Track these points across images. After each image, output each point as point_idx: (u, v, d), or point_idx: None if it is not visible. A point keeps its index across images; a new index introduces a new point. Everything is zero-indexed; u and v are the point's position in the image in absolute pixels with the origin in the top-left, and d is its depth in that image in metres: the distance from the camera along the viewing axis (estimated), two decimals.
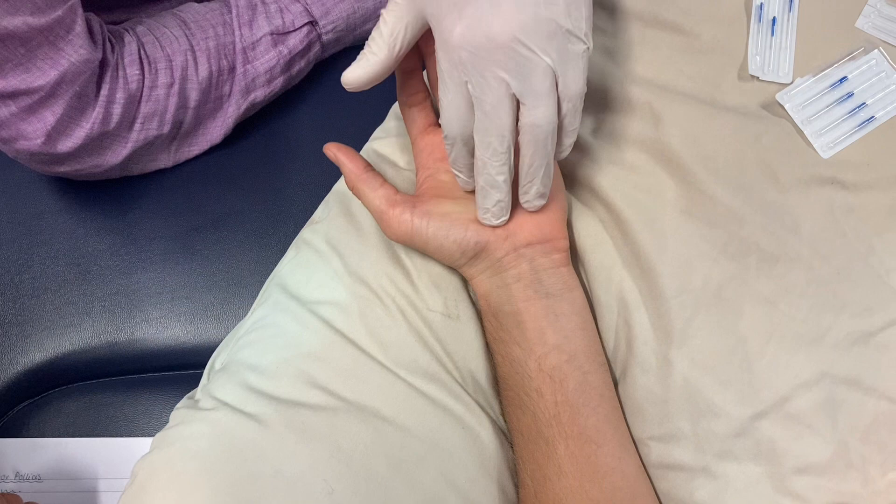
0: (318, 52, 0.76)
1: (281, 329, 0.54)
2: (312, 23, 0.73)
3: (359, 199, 0.55)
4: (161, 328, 0.73)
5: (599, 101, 0.57)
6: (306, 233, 0.60)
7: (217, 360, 0.57)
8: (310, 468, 0.48)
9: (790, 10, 0.55)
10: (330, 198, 0.62)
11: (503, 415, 0.55)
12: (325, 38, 0.75)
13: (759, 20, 0.55)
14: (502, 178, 0.49)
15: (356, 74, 0.49)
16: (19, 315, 0.73)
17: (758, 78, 0.55)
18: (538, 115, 0.45)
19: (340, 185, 0.62)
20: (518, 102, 0.45)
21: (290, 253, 0.60)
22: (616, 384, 0.54)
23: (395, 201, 0.53)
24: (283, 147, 0.77)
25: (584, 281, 0.57)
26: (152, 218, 0.75)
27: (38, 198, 0.76)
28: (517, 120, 0.46)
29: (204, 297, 0.73)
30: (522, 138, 0.47)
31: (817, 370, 0.50)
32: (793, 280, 0.51)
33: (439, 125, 0.56)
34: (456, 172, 0.52)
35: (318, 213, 0.62)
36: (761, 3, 0.55)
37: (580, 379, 0.50)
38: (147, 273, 0.74)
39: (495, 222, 0.52)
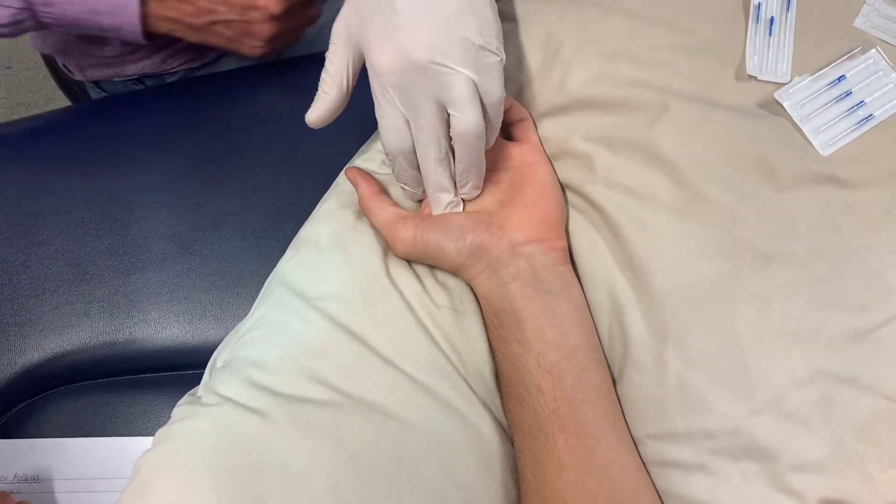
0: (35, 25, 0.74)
1: (283, 326, 0.55)
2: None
3: (368, 217, 0.58)
4: (160, 328, 0.73)
5: (594, 101, 0.58)
6: (306, 231, 0.61)
7: (219, 359, 0.57)
8: (313, 462, 0.49)
9: (788, 10, 0.55)
10: (329, 196, 0.63)
11: (504, 411, 0.55)
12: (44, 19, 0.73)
13: (757, 20, 0.55)
14: (447, 181, 0.55)
15: (316, 115, 0.58)
16: (18, 315, 0.73)
17: (756, 77, 0.55)
18: (467, 121, 0.51)
19: (341, 182, 0.63)
20: (447, 113, 0.51)
21: (291, 251, 0.60)
22: (614, 384, 0.54)
23: (402, 217, 0.56)
24: (282, 148, 0.77)
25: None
26: (151, 218, 0.75)
27: (36, 198, 0.76)
28: (449, 128, 0.52)
29: (203, 298, 0.74)
30: (456, 143, 0.53)
31: (812, 368, 0.50)
32: (787, 278, 0.52)
33: None
34: (402, 185, 0.58)
35: (318, 211, 0.62)
36: (759, 3, 0.56)
37: (578, 375, 0.51)
38: (145, 273, 0.74)
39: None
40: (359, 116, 0.70)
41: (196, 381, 0.57)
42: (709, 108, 0.55)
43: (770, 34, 0.55)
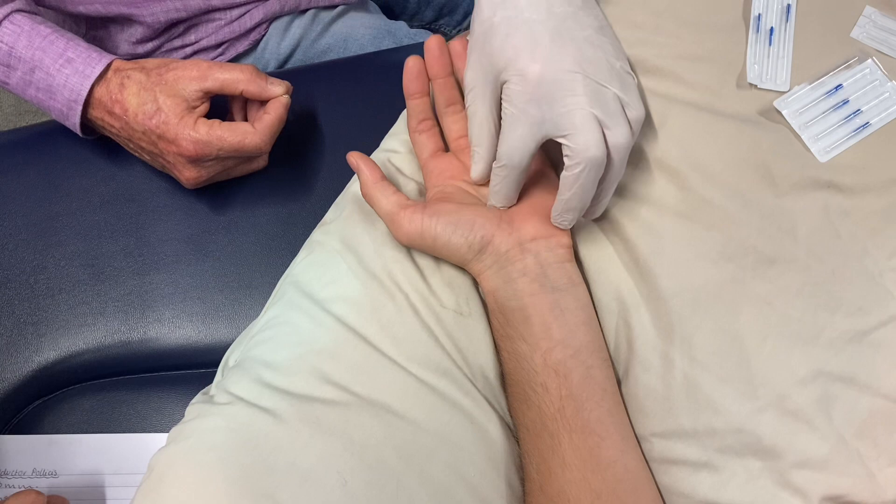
0: None
1: (294, 327, 0.55)
2: None
3: (371, 204, 0.57)
4: (173, 328, 0.73)
5: None
6: (318, 234, 0.61)
7: (231, 358, 0.58)
8: (323, 461, 0.49)
9: (787, 21, 0.56)
10: (341, 200, 0.63)
11: (509, 410, 0.56)
12: None
13: (758, 30, 0.56)
14: (593, 193, 0.52)
15: (481, 170, 0.56)
16: (35, 315, 0.73)
17: (756, 86, 0.56)
18: (621, 133, 0.49)
19: (353, 187, 0.63)
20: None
21: (303, 253, 0.61)
22: (619, 383, 0.55)
23: (406, 205, 0.55)
24: (294, 151, 0.78)
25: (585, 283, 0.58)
26: (165, 221, 0.76)
27: (53, 200, 0.76)
28: None
29: (215, 298, 0.74)
30: (610, 155, 0.50)
31: (813, 368, 0.51)
32: (789, 281, 0.53)
33: (447, 149, 0.60)
34: (493, 199, 0.55)
35: (330, 215, 0.63)
36: (759, 14, 0.56)
37: (584, 374, 0.51)
38: (160, 274, 0.74)
39: (569, 226, 0.54)
40: (369, 119, 0.71)
41: (209, 379, 0.58)
42: (711, 115, 0.56)
43: (770, 44, 0.56)
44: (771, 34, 0.56)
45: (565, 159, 0.49)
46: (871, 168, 0.54)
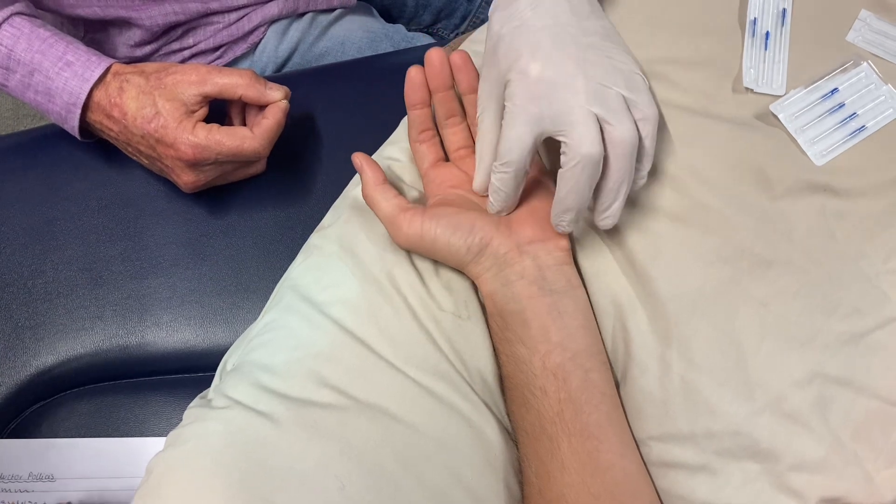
0: None
1: (292, 330, 0.55)
2: None
3: (371, 206, 0.57)
4: (171, 332, 0.73)
5: None
6: (316, 238, 0.61)
7: (229, 362, 0.58)
8: (321, 465, 0.49)
9: (783, 25, 0.56)
10: (339, 204, 0.63)
11: (508, 413, 0.56)
12: None
13: (753, 34, 0.56)
14: (590, 193, 0.51)
15: (482, 181, 0.56)
16: (32, 319, 0.73)
17: (752, 90, 0.56)
18: (623, 129, 0.49)
19: (351, 191, 0.63)
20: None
21: (301, 257, 0.61)
22: (617, 386, 0.55)
23: (406, 208, 0.56)
24: (292, 156, 0.78)
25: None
26: (163, 225, 0.76)
27: (51, 204, 0.76)
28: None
29: (213, 302, 0.74)
30: (611, 153, 0.49)
31: (810, 370, 0.51)
32: (785, 283, 0.53)
33: (447, 159, 0.61)
34: (493, 203, 0.55)
35: (328, 219, 0.63)
36: (755, 18, 0.57)
37: (583, 377, 0.51)
38: (157, 278, 0.74)
39: (570, 229, 0.54)
40: (367, 123, 0.72)
41: (207, 383, 0.58)
42: (707, 119, 0.56)
43: (766, 48, 0.56)
44: (767, 38, 0.56)
45: (562, 157, 0.49)
46: (867, 171, 0.54)
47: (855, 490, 0.49)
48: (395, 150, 0.65)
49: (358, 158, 0.58)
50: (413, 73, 0.58)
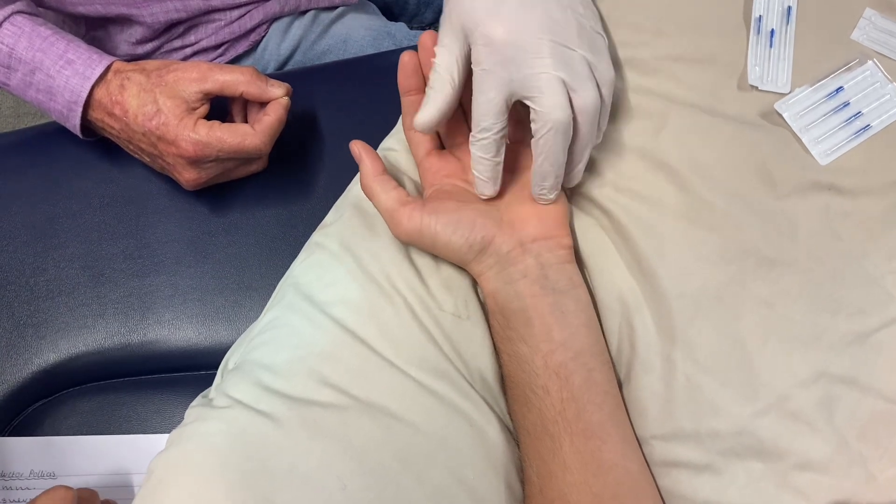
0: None
1: (293, 329, 0.55)
2: None
3: (370, 197, 0.57)
4: (173, 330, 0.74)
5: None
6: (318, 236, 0.61)
7: (230, 360, 0.58)
8: (322, 464, 0.49)
9: (788, 23, 0.56)
10: (341, 202, 0.63)
11: (509, 412, 0.56)
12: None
13: (758, 32, 0.56)
14: (564, 157, 0.51)
15: (428, 116, 0.53)
16: (34, 317, 0.73)
17: (757, 88, 0.56)
18: (587, 96, 0.49)
19: (353, 189, 0.63)
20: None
21: (303, 255, 0.61)
22: (620, 385, 0.55)
23: (405, 201, 0.55)
24: (293, 153, 0.78)
25: (587, 284, 0.57)
26: (165, 223, 0.76)
27: (52, 202, 0.77)
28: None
29: (215, 300, 0.74)
30: (578, 118, 0.50)
31: (814, 370, 0.51)
32: (790, 283, 0.52)
33: (443, 148, 0.60)
34: (477, 175, 0.54)
35: (330, 217, 0.63)
36: (760, 16, 0.56)
37: (585, 376, 0.51)
38: (159, 276, 0.75)
39: (552, 197, 0.54)
40: (369, 121, 0.71)
41: (208, 381, 0.58)
42: (712, 117, 0.56)
43: (771, 46, 0.56)
44: (772, 36, 0.56)
45: (532, 124, 0.50)
46: (872, 171, 0.54)
47: (860, 490, 0.49)
48: (392, 141, 0.64)
49: (357, 147, 0.58)
50: (406, 58, 0.57)
